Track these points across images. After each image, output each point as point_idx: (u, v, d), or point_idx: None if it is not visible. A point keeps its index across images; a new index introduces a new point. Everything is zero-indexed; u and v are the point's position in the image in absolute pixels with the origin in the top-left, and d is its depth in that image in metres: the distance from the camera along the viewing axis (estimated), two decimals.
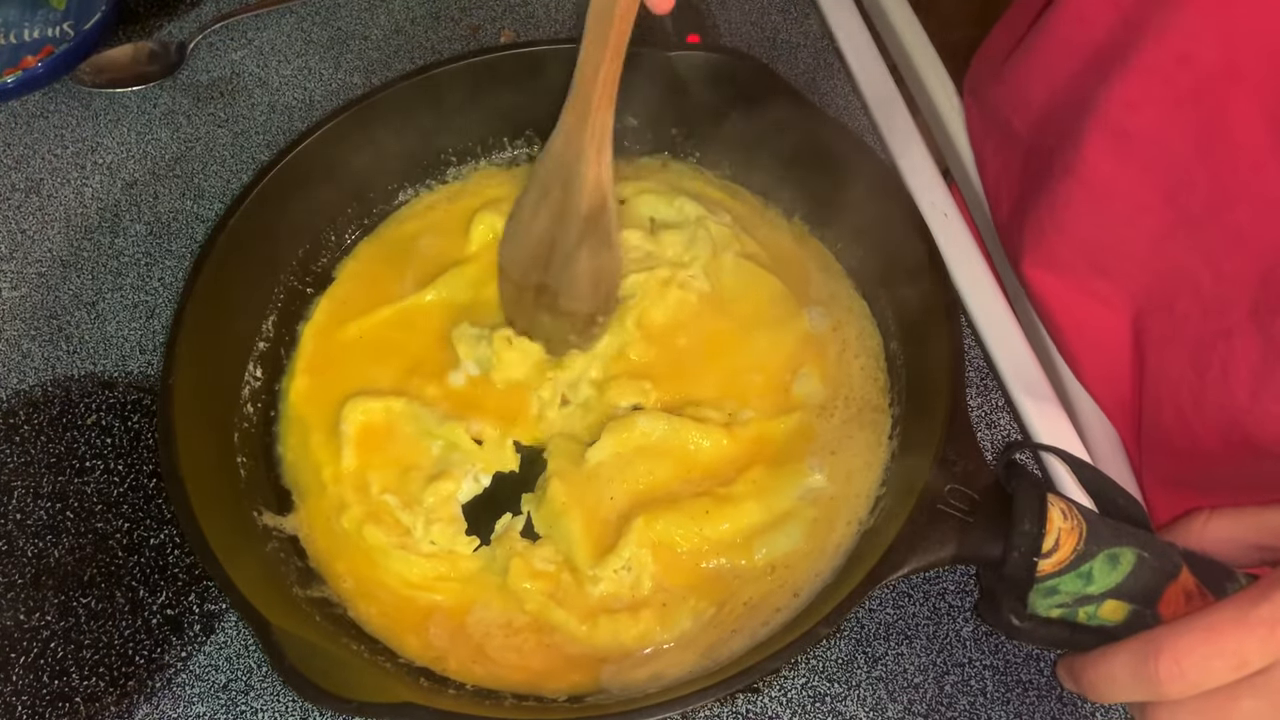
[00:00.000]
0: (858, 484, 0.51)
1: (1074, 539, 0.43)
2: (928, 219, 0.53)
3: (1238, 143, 0.48)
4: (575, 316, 0.55)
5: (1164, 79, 0.50)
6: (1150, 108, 0.51)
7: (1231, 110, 0.48)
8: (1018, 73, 0.62)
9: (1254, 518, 0.46)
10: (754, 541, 0.50)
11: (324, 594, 0.49)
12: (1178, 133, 0.51)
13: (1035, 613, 0.44)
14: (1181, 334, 0.55)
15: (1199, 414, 0.54)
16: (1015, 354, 0.58)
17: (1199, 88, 0.49)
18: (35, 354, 0.59)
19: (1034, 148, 0.61)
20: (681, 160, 0.64)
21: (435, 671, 0.47)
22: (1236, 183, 0.49)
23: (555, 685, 0.47)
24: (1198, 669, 0.39)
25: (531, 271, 0.55)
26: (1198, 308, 0.53)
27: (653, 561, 0.49)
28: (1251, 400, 0.50)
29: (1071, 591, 0.43)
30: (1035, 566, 0.43)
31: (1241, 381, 0.51)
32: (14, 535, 0.52)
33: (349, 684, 0.40)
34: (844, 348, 0.57)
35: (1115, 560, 0.43)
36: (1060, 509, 0.43)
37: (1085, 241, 0.58)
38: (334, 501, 0.52)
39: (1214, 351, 0.52)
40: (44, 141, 0.69)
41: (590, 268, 0.53)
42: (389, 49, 0.73)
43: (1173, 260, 0.54)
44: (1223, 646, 0.39)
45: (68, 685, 0.48)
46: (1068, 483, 0.53)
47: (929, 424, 0.48)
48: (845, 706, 0.48)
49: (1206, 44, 0.48)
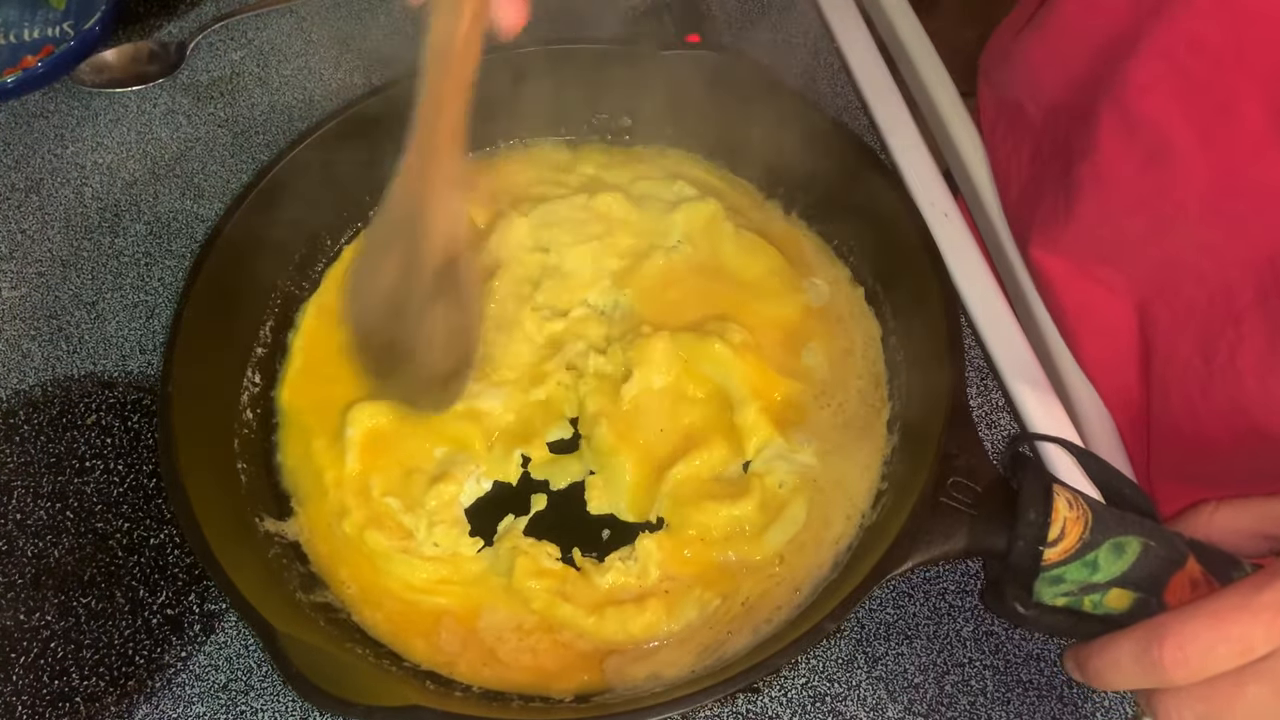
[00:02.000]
0: (857, 477, 0.52)
1: (1079, 528, 0.43)
2: (927, 219, 0.53)
3: (1241, 131, 0.48)
4: (432, 373, 0.51)
5: (1174, 64, 0.50)
6: (1161, 93, 0.51)
7: (1237, 98, 0.48)
8: (1029, 55, 0.61)
9: (1259, 507, 0.46)
10: (760, 532, 0.50)
11: (327, 599, 0.49)
12: (1185, 120, 0.50)
13: (1041, 601, 0.44)
14: (1188, 322, 0.55)
15: (1206, 402, 0.54)
16: (1015, 352, 0.58)
17: (1208, 74, 0.49)
18: (35, 354, 0.59)
19: (1046, 131, 0.61)
20: (680, 150, 0.65)
21: (442, 674, 0.47)
22: (1239, 172, 0.49)
23: (563, 685, 0.47)
24: (1202, 655, 0.39)
25: (380, 328, 0.50)
26: (1203, 295, 0.53)
27: (658, 550, 0.50)
28: (1259, 387, 0.50)
29: (1077, 580, 0.43)
30: (1041, 555, 0.43)
31: (1249, 368, 0.51)
32: (14, 535, 0.52)
33: (356, 688, 0.41)
34: (843, 336, 0.57)
35: (1121, 549, 0.43)
36: (1066, 498, 0.44)
37: (1093, 227, 0.58)
38: (335, 506, 0.52)
39: (1222, 339, 0.52)
40: (44, 141, 0.69)
41: (445, 326, 0.49)
42: (389, 49, 0.73)
43: (1177, 247, 0.54)
44: (1227, 632, 0.38)
45: (68, 685, 0.48)
46: (1073, 474, 0.52)
47: (929, 418, 0.48)
48: (845, 706, 0.48)
49: (1216, 28, 0.48)
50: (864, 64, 0.71)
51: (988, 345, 0.58)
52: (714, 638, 0.48)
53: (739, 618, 0.48)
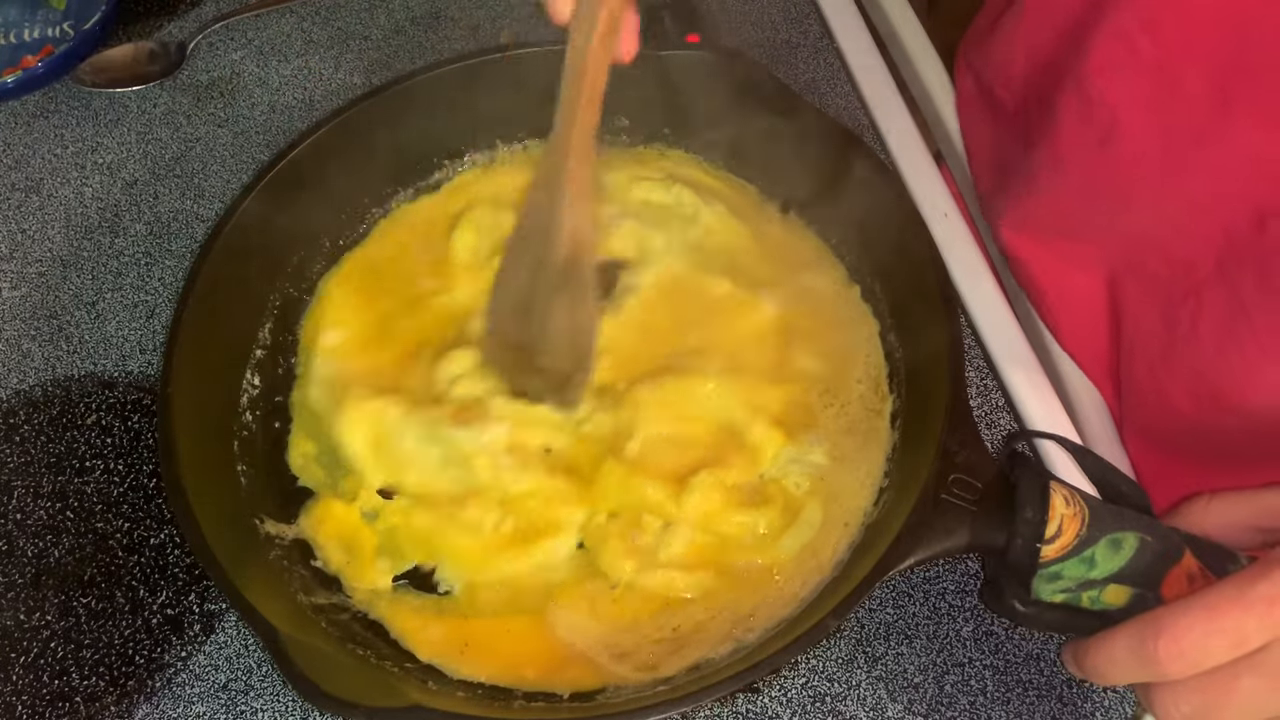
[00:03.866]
0: (862, 475, 0.52)
1: (1077, 524, 0.43)
2: (927, 219, 0.54)
3: (1188, 109, 0.49)
4: (552, 374, 0.53)
5: (1128, 45, 0.51)
6: (1117, 74, 0.52)
7: (1184, 76, 0.49)
8: (1001, 42, 0.62)
9: (1254, 500, 0.46)
10: (777, 536, 0.50)
11: (330, 600, 0.49)
12: (1136, 100, 0.51)
13: (1039, 598, 0.44)
14: (1153, 293, 0.56)
15: (1169, 371, 0.54)
16: (1014, 350, 0.58)
17: (1159, 54, 0.49)
18: (35, 354, 0.59)
19: (1016, 118, 0.62)
20: (679, 150, 0.65)
21: (444, 673, 0.47)
22: (1187, 150, 0.50)
23: (563, 680, 0.47)
24: (1197, 648, 0.39)
25: (512, 328, 0.54)
26: (1166, 268, 0.54)
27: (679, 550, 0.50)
28: (1217, 354, 0.51)
29: (1075, 576, 0.43)
30: (1039, 553, 0.43)
31: (1209, 336, 0.52)
32: (14, 535, 0.52)
33: (357, 689, 0.41)
34: (839, 335, 0.57)
35: (1118, 545, 0.43)
36: (1063, 495, 0.44)
37: (1057, 206, 0.58)
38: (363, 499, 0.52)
39: (1183, 308, 0.53)
40: (44, 141, 0.69)
41: (566, 322, 0.52)
42: (389, 49, 0.73)
43: (1138, 223, 0.55)
44: (1222, 625, 0.39)
45: (68, 685, 0.48)
46: (1071, 471, 0.53)
47: (930, 415, 0.48)
48: (845, 706, 0.48)
49: (1166, 8, 0.49)
50: (864, 64, 0.71)
51: (987, 344, 0.58)
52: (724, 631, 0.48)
53: (741, 619, 0.48)
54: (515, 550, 0.50)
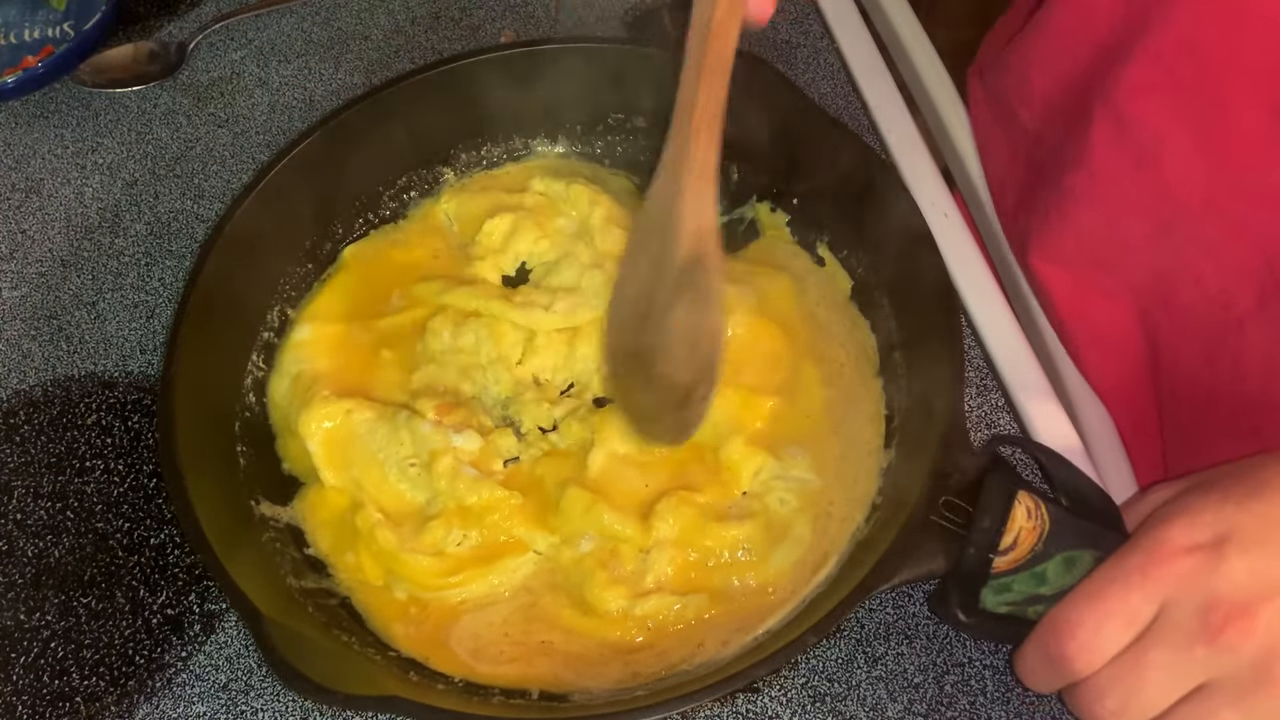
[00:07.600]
0: (853, 491, 0.51)
1: (1033, 538, 0.43)
2: (928, 219, 0.53)
3: (1238, 133, 0.48)
4: (671, 387, 0.48)
5: (1167, 67, 0.50)
6: (1154, 96, 0.51)
7: (1232, 100, 0.48)
8: (1022, 61, 0.61)
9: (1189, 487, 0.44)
10: (765, 556, 0.50)
11: (319, 584, 0.49)
12: (1179, 123, 0.50)
13: (985, 608, 0.44)
14: (1189, 328, 0.54)
15: (1212, 409, 0.53)
16: (1015, 353, 0.58)
17: (1201, 76, 0.49)
18: (35, 354, 0.59)
19: (1040, 138, 0.61)
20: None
21: (426, 665, 0.47)
22: (1236, 174, 0.49)
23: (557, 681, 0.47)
24: (1095, 636, 0.39)
25: (628, 334, 0.48)
26: (1202, 300, 0.53)
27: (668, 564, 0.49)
28: (1262, 391, 0.50)
29: (1024, 591, 0.43)
30: (990, 563, 0.43)
31: (1252, 373, 0.51)
32: (14, 535, 0.52)
33: (337, 676, 0.41)
34: (833, 341, 0.56)
35: (1072, 563, 0.43)
36: (1026, 507, 0.43)
37: (1090, 233, 0.57)
38: (347, 499, 0.52)
39: (1225, 344, 0.52)
40: (44, 141, 0.69)
41: (686, 326, 0.46)
42: (389, 49, 0.73)
43: (1175, 252, 0.54)
44: (1109, 607, 0.39)
45: (68, 685, 0.48)
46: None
47: (926, 436, 0.48)
48: (845, 706, 0.48)
49: (1209, 31, 0.48)
50: (864, 64, 0.71)
51: (987, 345, 0.58)
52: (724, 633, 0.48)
53: (730, 630, 0.48)
54: (474, 570, 0.49)
